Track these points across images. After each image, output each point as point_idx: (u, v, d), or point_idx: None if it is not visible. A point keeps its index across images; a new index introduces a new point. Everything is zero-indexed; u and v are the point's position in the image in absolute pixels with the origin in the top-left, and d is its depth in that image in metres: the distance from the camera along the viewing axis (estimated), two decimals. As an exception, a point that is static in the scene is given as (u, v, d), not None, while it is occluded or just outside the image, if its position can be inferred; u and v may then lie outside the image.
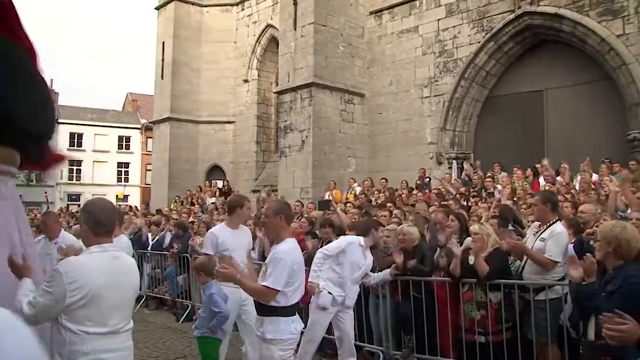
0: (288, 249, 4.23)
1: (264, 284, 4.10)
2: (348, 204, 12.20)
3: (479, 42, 16.07)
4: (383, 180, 15.34)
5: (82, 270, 3.04)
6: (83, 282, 2.98)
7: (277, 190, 18.45)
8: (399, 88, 17.93)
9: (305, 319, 7.95)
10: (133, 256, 10.87)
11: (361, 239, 6.32)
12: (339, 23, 18.06)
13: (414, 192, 13.02)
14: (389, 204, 11.19)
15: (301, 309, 5.05)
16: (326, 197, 14.87)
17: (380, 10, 18.69)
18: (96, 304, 3.01)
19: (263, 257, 8.20)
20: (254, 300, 4.42)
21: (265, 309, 4.18)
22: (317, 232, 8.68)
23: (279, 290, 4.07)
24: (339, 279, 6.13)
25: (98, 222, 3.26)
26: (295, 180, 17.38)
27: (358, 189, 15.32)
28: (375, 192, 14.37)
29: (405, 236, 7.02)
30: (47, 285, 2.97)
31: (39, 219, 16.57)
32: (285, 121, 18.05)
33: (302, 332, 4.97)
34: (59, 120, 44.78)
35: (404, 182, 14.66)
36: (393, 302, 7.12)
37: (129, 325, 3.26)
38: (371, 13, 18.92)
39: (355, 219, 9.03)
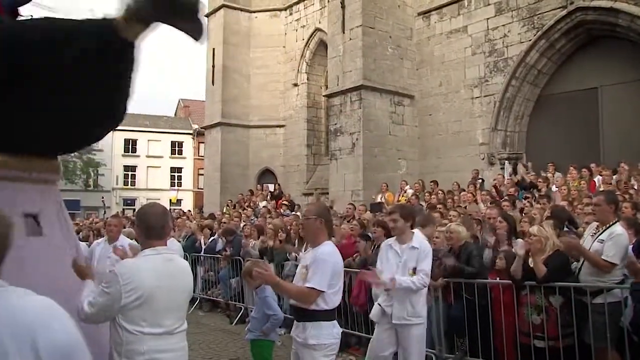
0: (330, 251, 4.21)
1: (308, 285, 4.04)
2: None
3: (530, 40, 15.74)
4: (432, 183, 15.17)
5: (137, 272, 3.12)
6: (137, 284, 3.05)
7: (327, 193, 18.49)
8: (449, 89, 17.73)
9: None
10: (185, 259, 11.19)
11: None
12: (387, 25, 17.99)
13: (463, 193, 12.80)
14: (439, 206, 11.08)
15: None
16: (378, 200, 14.83)
17: (429, 11, 18.53)
18: (150, 305, 3.08)
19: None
20: (293, 307, 4.38)
21: (306, 314, 4.12)
22: (369, 234, 8.66)
23: (322, 292, 4.03)
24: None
25: (151, 226, 3.34)
26: (346, 183, 17.39)
27: (410, 192, 15.20)
28: (427, 194, 14.24)
29: (452, 234, 6.94)
30: (104, 286, 3.06)
31: (96, 222, 17.18)
32: (335, 124, 18.09)
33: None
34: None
35: (455, 183, 14.47)
36: (445, 305, 7.04)
37: (183, 326, 3.32)
38: (419, 14, 18.78)
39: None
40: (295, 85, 24.53)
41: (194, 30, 3.13)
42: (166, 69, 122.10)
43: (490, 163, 16.54)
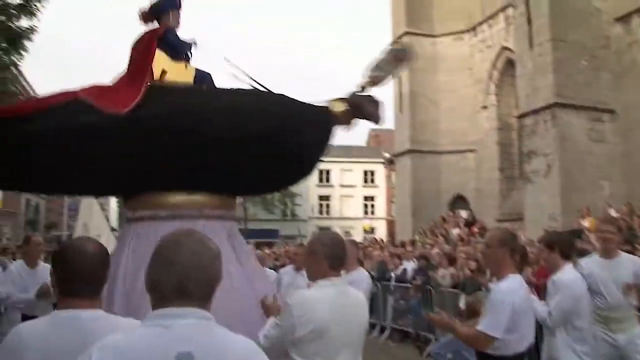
0: (510, 288, 3.61)
1: (478, 328, 3.58)
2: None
3: None
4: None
5: (311, 304, 3.08)
6: (311, 316, 3.01)
7: (523, 219, 17.59)
8: (659, 99, 16.03)
9: None
10: (375, 288, 11.21)
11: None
12: (579, 35, 16.84)
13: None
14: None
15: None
16: (582, 224, 13.72)
17: (628, 15, 16.98)
18: (323, 338, 3.04)
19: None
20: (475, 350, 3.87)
21: (482, 358, 3.69)
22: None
23: (496, 338, 3.49)
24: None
25: (326, 256, 3.30)
26: (542, 208, 16.40)
27: (615, 216, 13.82)
28: (636, 218, 12.88)
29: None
30: (278, 319, 3.10)
31: (289, 251, 17.98)
32: (528, 146, 17.23)
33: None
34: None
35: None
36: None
37: (357, 361, 3.25)
38: (617, 19, 17.29)
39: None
40: (485, 107, 23.89)
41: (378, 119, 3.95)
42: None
43: None
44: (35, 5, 12.36)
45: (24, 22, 12.54)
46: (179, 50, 4.33)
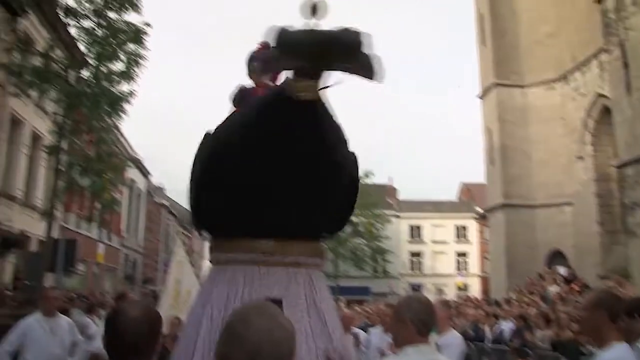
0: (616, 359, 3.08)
1: None
2: None
3: None
4: None
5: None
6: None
7: (629, 277, 16.45)
8: None
9: None
10: (470, 349, 10.65)
11: None
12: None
13: None
14: None
15: None
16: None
17: None
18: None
19: None
20: None
21: None
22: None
23: None
24: None
25: (414, 321, 3.07)
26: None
27: None
28: None
29: None
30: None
31: (380, 310, 17.57)
32: (631, 197, 16.31)
33: None
34: (400, 215, 48.03)
35: None
36: None
37: None
38: None
39: None
40: (580, 158, 22.93)
41: (364, 70, 2.80)
42: (445, 153, 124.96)
43: None
44: (135, 71, 13.15)
45: (124, 87, 13.42)
46: None
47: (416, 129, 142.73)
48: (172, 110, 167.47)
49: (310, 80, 2.88)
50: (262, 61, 3.36)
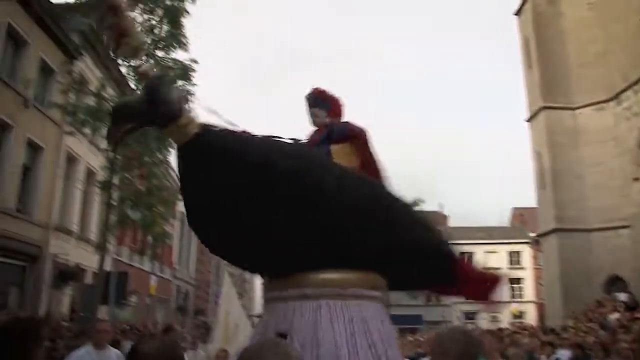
0: None
1: None
2: None
3: None
4: None
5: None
6: None
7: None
8: None
9: None
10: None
11: None
12: None
13: None
14: None
15: None
16: None
17: None
18: None
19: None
20: None
21: None
22: None
23: None
24: None
25: (457, 355, 3.01)
26: None
27: None
28: None
29: None
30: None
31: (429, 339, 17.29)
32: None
33: None
34: (452, 242, 47.26)
35: None
36: None
37: None
38: None
39: None
40: (637, 179, 22.22)
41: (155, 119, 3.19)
42: (494, 178, 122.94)
43: None
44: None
45: None
46: None
47: (464, 154, 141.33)
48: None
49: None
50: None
